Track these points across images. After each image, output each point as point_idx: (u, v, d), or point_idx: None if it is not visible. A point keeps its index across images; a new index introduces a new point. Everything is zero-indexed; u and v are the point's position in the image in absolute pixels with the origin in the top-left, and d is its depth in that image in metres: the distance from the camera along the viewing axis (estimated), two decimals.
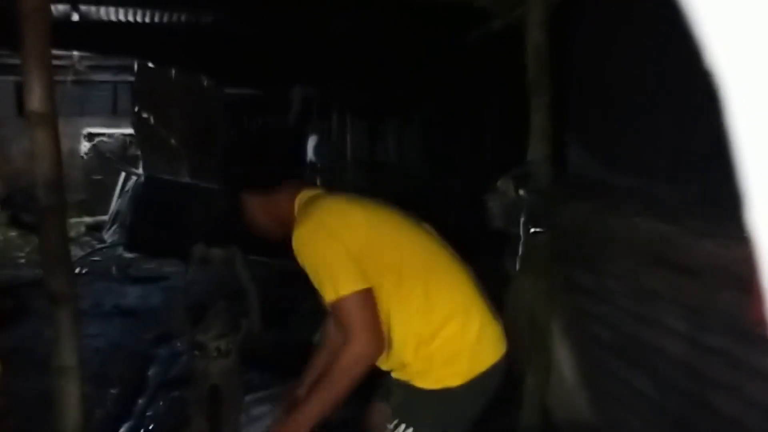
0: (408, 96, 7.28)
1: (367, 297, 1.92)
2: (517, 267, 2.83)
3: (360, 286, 1.91)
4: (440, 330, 2.02)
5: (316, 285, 1.95)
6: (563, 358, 3.18)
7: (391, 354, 2.04)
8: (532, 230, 2.78)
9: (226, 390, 2.07)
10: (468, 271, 2.15)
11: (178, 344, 4.87)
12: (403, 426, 2.04)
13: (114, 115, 12.13)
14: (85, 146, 10.62)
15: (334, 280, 1.90)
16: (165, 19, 7.27)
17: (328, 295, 1.91)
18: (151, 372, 4.43)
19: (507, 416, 3.16)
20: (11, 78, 9.78)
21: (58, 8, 6.71)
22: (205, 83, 8.55)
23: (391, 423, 2.06)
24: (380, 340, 1.94)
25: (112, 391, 4.02)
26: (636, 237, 2.54)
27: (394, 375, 2.13)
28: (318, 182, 9.74)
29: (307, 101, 9.62)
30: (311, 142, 9.85)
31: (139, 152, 9.23)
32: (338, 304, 1.90)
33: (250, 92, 9.69)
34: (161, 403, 3.95)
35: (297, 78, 8.01)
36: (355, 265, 1.93)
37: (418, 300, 2.02)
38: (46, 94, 2.19)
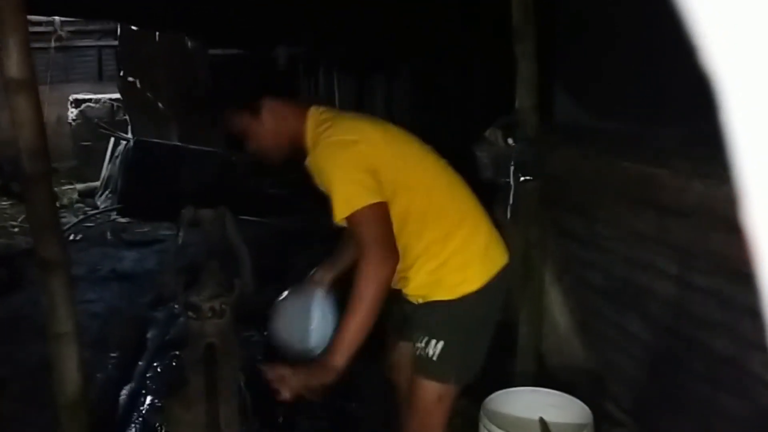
0: (394, 50, 7.20)
1: (381, 210, 1.93)
2: (509, 216, 2.83)
3: (374, 199, 1.91)
4: (452, 235, 2.11)
5: (332, 203, 1.94)
6: (556, 303, 3.20)
7: (406, 263, 2.10)
8: (522, 179, 2.78)
9: (222, 348, 2.09)
10: (469, 188, 2.24)
11: (175, 306, 4.90)
12: (433, 341, 2.12)
13: (100, 81, 12.01)
14: (72, 113, 10.52)
15: (348, 195, 1.91)
16: None
17: (341, 210, 1.91)
18: (149, 335, 4.46)
19: (502, 364, 3.19)
20: None
21: None
22: (189, 44, 8.43)
23: (419, 341, 2.14)
24: (394, 253, 1.94)
25: (112, 355, 4.04)
26: (625, 181, 2.54)
27: (410, 296, 2.22)
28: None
29: (293, 59, 9.51)
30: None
31: (126, 117, 9.15)
32: (351, 218, 1.91)
33: (235, 52, 9.57)
34: (161, 365, 3.99)
35: (281, 36, 7.91)
36: (370, 179, 1.94)
37: (430, 210, 2.11)
38: (25, 60, 2.15)
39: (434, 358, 2.13)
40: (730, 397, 2.34)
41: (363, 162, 1.97)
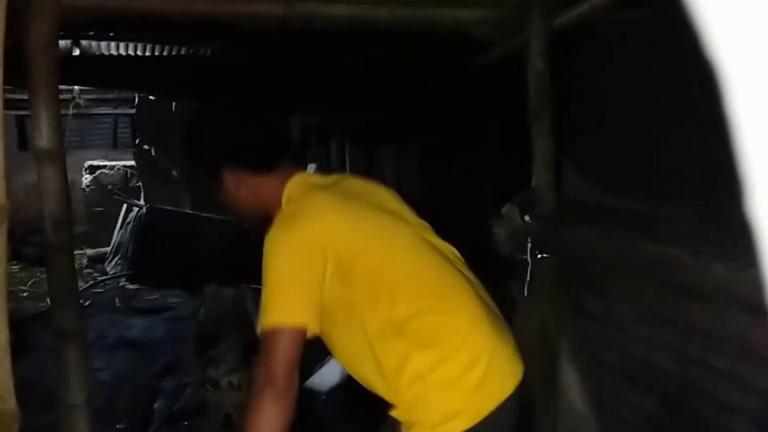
0: (406, 122, 7.31)
1: (299, 337, 1.68)
2: (526, 293, 2.82)
3: (301, 320, 1.68)
4: (441, 363, 1.75)
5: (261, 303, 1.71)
6: (572, 383, 3.16)
7: (384, 384, 1.79)
8: (539, 256, 2.79)
9: (239, 419, 2.06)
10: (473, 285, 1.91)
11: (184, 378, 4.87)
12: None
13: (114, 148, 12.19)
14: (86, 179, 10.65)
15: (277, 305, 1.68)
16: (165, 52, 7.33)
17: (262, 319, 1.68)
18: (157, 405, 4.40)
19: None
20: (12, 112, 9.85)
21: (59, 44, 6.78)
22: None
23: None
24: (290, 392, 1.67)
25: (119, 426, 3.99)
26: (642, 261, 2.54)
27: (398, 418, 1.83)
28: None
29: (305, 129, 9.66)
30: (310, 170, 9.85)
31: (140, 184, 9.26)
32: (267, 333, 1.67)
33: None
34: None
35: (295, 106, 8.06)
36: (311, 295, 1.70)
37: (418, 325, 1.76)
38: (55, 132, 2.21)
39: None
40: None
41: (313, 268, 1.70)
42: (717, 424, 2.39)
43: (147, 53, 7.42)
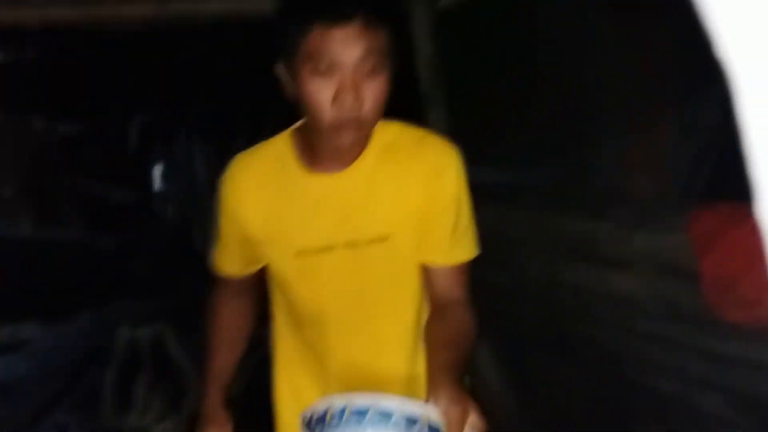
0: (258, 111, 7.07)
1: None
2: None
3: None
4: None
5: (454, 227, 1.58)
6: (484, 360, 3.17)
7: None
8: None
9: None
10: None
11: (60, 416, 4.46)
12: None
13: None
14: None
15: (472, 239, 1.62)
16: None
17: (467, 252, 1.62)
18: None
19: None
20: None
21: None
22: (36, 124, 7.86)
23: None
24: None
25: None
26: (556, 235, 2.55)
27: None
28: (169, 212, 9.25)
29: (146, 127, 9.11)
30: (157, 171, 9.33)
31: None
32: (465, 265, 1.61)
33: (83, 127, 9.01)
34: None
35: (135, 104, 7.56)
36: None
37: None
38: None
39: None
40: None
41: None
42: (643, 385, 2.46)
43: None
